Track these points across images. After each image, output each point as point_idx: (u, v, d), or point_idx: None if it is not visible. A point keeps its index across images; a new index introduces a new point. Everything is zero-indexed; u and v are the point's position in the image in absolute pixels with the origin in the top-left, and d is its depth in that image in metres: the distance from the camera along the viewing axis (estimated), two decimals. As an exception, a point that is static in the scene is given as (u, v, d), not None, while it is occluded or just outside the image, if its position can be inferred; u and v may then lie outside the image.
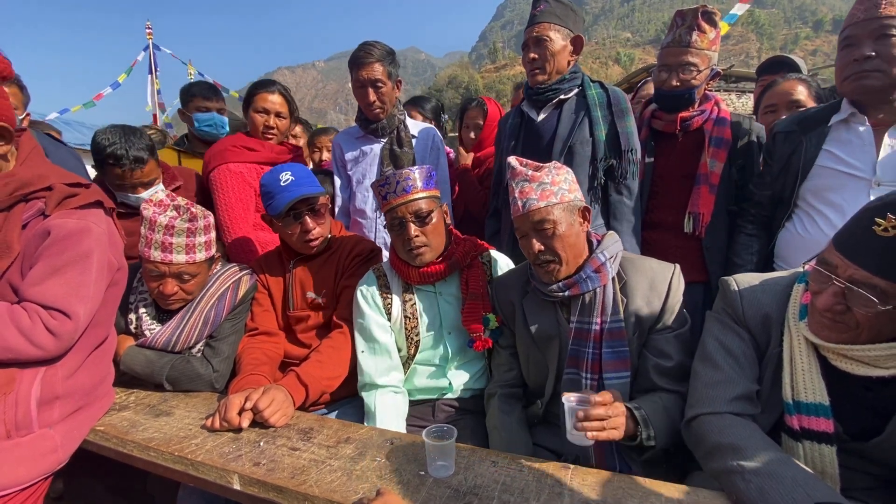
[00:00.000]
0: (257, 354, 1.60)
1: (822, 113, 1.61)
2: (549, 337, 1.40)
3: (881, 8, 1.36)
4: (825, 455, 1.01)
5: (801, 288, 1.11)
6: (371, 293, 1.60)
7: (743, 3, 4.96)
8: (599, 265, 1.33)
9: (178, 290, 1.51)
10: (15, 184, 1.22)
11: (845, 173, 1.51)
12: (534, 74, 1.87)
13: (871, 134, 1.47)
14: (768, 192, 1.73)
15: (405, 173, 1.50)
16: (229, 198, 2.13)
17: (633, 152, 1.81)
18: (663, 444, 1.17)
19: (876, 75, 1.41)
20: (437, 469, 1.09)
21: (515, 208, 1.34)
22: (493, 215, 2.14)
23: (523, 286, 1.50)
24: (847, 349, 0.98)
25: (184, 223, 1.47)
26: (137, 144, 1.81)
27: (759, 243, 1.75)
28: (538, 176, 1.33)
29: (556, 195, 1.31)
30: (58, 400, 1.24)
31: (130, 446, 1.27)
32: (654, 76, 1.90)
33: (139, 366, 1.54)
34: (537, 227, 1.31)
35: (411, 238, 1.50)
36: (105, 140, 1.78)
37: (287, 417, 1.35)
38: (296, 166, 1.67)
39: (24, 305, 1.17)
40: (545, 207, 1.30)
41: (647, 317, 1.32)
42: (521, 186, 1.34)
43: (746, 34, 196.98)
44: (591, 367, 1.33)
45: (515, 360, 1.53)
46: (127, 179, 1.85)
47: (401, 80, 2.19)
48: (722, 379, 1.12)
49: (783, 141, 1.67)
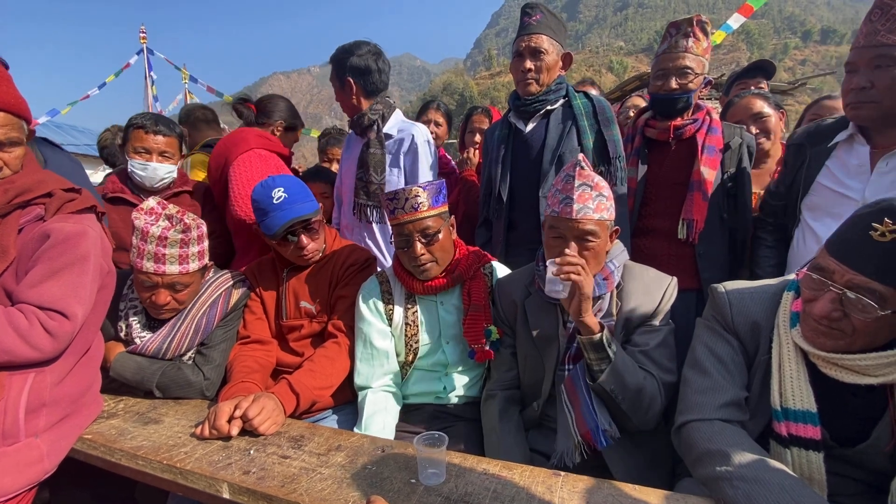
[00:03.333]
0: (249, 363, 1.59)
1: (832, 127, 1.61)
2: (549, 338, 1.42)
3: (879, 35, 1.35)
4: (812, 461, 1.02)
5: (790, 296, 1.12)
6: (373, 299, 1.62)
7: (740, 14, 5.04)
8: (609, 273, 1.37)
9: (170, 301, 1.50)
10: (15, 190, 1.23)
11: (839, 193, 1.52)
12: (528, 84, 1.89)
13: (868, 157, 1.47)
14: (782, 203, 1.75)
15: (414, 190, 1.48)
16: (252, 175, 2.04)
17: (620, 159, 1.84)
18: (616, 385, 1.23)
19: (870, 106, 1.41)
20: (428, 477, 1.09)
21: (567, 209, 1.30)
22: (482, 224, 2.14)
23: (527, 286, 1.51)
24: (838, 358, 0.98)
25: (177, 234, 1.46)
26: (164, 121, 2.11)
27: (778, 255, 1.76)
28: (601, 186, 1.33)
29: (608, 211, 1.33)
30: (44, 407, 1.23)
31: (118, 455, 1.26)
32: (649, 85, 1.93)
33: (129, 372, 1.52)
34: (582, 235, 1.31)
35: (417, 256, 1.50)
36: (137, 116, 2.11)
37: (277, 426, 1.34)
38: (288, 180, 1.63)
39: (20, 307, 1.17)
40: (599, 220, 1.31)
41: (635, 319, 1.37)
42: (582, 190, 1.30)
43: (737, 44, 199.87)
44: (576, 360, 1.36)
45: (515, 360, 1.54)
46: (146, 141, 2.04)
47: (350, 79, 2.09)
48: (711, 386, 1.13)
49: (795, 153, 1.70)
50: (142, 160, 2.05)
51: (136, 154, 2.05)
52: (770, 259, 1.75)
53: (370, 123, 2.10)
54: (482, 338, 1.52)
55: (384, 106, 2.14)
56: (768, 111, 2.17)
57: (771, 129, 2.18)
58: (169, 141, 2.08)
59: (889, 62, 1.35)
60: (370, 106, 2.12)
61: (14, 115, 1.23)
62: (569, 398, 1.31)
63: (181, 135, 2.18)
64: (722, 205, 1.87)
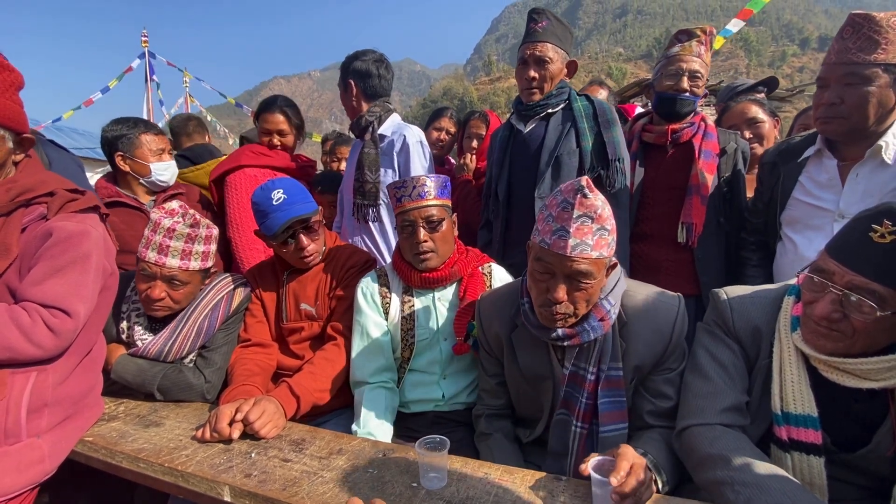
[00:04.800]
0: (250, 366, 1.59)
1: (801, 145, 1.67)
2: (542, 377, 1.31)
3: (850, 53, 1.40)
4: (813, 466, 1.02)
5: (791, 300, 1.13)
6: (371, 292, 1.63)
7: (739, 19, 5.09)
8: (604, 314, 1.19)
9: (165, 296, 1.50)
10: (18, 189, 1.25)
11: (815, 206, 1.57)
12: (531, 93, 1.89)
13: (837, 169, 1.53)
14: (762, 220, 1.78)
15: (421, 179, 1.52)
16: (241, 198, 2.23)
17: (620, 161, 1.82)
18: (673, 483, 1.12)
19: (839, 121, 1.46)
20: (430, 481, 1.09)
21: (560, 243, 1.10)
22: (484, 226, 2.15)
23: (511, 318, 1.34)
24: (840, 362, 0.99)
25: (185, 228, 1.49)
26: (151, 123, 2.18)
27: (765, 273, 1.77)
28: (604, 218, 1.11)
29: (608, 248, 1.12)
30: (46, 407, 1.23)
31: (119, 457, 1.26)
32: (658, 83, 1.91)
33: (130, 374, 1.52)
34: (575, 275, 1.11)
35: (420, 242, 1.51)
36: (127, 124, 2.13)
37: (278, 429, 1.34)
38: (287, 182, 1.65)
39: (23, 305, 1.18)
40: (596, 259, 1.10)
41: (648, 362, 1.23)
42: (581, 222, 1.09)
43: (735, 51, 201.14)
44: (582, 416, 1.24)
45: (503, 390, 1.44)
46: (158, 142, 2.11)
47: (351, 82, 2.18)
48: (712, 390, 1.13)
49: (769, 171, 1.74)
50: (162, 161, 2.12)
51: (154, 156, 2.10)
52: (758, 279, 1.77)
53: (367, 125, 2.16)
54: (464, 329, 1.51)
55: (382, 109, 2.20)
56: (763, 117, 2.20)
57: (764, 134, 2.20)
58: (165, 138, 2.18)
59: (858, 80, 1.40)
60: (368, 108, 2.18)
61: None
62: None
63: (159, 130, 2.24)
64: (719, 209, 1.88)
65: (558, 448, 1.30)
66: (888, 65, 1.37)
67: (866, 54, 1.37)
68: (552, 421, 1.31)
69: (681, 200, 1.85)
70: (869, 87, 1.39)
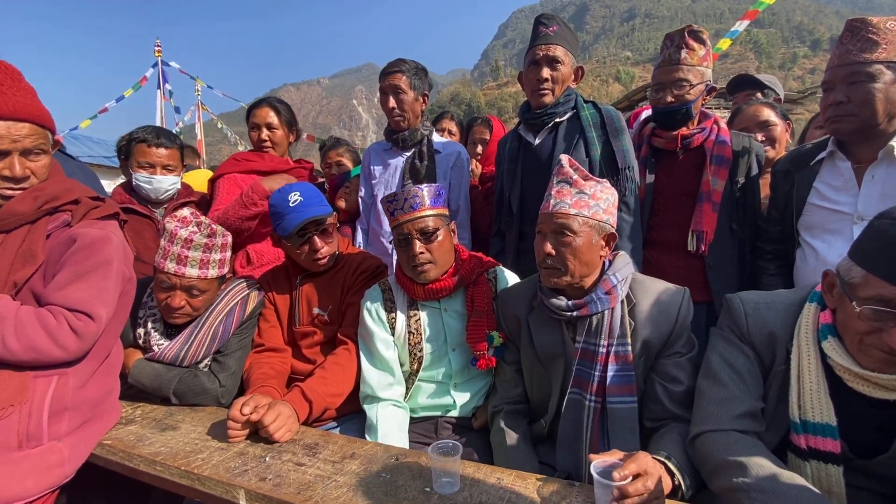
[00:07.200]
0: (266, 369, 1.62)
1: (813, 151, 1.66)
2: (554, 355, 1.39)
3: (851, 55, 1.43)
4: (832, 474, 1.01)
5: (813, 307, 1.10)
6: (376, 308, 1.62)
7: (744, 20, 5.06)
8: (611, 287, 1.31)
9: (185, 305, 1.53)
10: (45, 197, 1.29)
11: (831, 209, 1.56)
12: (543, 94, 1.88)
13: (852, 171, 1.52)
14: (778, 228, 1.77)
15: (413, 190, 1.52)
16: (223, 199, 2.25)
17: (630, 169, 1.82)
18: (695, 488, 1.12)
19: (849, 119, 1.46)
20: (443, 485, 1.09)
21: (546, 204, 1.34)
22: (496, 234, 2.15)
23: (529, 301, 1.47)
24: (875, 376, 0.96)
25: (202, 238, 1.51)
26: (165, 134, 2.18)
27: (782, 282, 1.75)
28: (582, 184, 1.31)
29: (590, 209, 1.29)
30: (66, 411, 1.25)
31: (137, 460, 1.28)
32: (650, 96, 1.95)
33: (147, 378, 1.55)
34: (557, 230, 1.30)
35: (416, 255, 1.51)
36: (139, 129, 2.18)
37: (292, 433, 1.35)
38: (305, 186, 1.70)
39: (48, 308, 1.21)
40: (573, 215, 1.28)
41: (654, 342, 1.30)
42: (560, 186, 1.32)
43: (745, 53, 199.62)
44: (595, 390, 1.31)
45: (520, 377, 1.51)
46: (149, 156, 2.11)
47: (427, 94, 2.22)
48: (726, 396, 1.13)
49: (782, 180, 1.73)
50: (146, 174, 2.12)
51: (140, 168, 2.12)
52: (776, 288, 1.75)
53: (422, 138, 2.22)
54: (484, 343, 1.51)
55: (429, 125, 2.30)
56: (775, 120, 2.19)
57: (776, 137, 2.18)
58: (171, 153, 2.16)
59: (863, 77, 1.42)
60: (421, 122, 2.24)
61: (40, 126, 1.28)
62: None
63: (182, 146, 2.27)
64: (731, 215, 1.86)
65: (571, 433, 1.33)
66: (890, 62, 1.39)
67: (868, 54, 1.40)
68: (565, 403, 1.36)
69: (692, 207, 1.84)
70: (874, 83, 1.40)
